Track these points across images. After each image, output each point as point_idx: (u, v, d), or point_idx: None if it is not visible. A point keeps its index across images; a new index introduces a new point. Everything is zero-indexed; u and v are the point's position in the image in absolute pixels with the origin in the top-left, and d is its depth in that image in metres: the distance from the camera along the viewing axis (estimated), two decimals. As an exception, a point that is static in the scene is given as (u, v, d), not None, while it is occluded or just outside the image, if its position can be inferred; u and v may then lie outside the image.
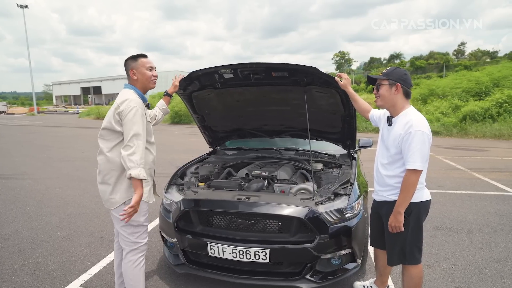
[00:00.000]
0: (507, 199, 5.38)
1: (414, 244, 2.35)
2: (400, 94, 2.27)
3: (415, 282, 2.40)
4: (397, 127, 2.27)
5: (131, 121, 2.27)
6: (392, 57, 66.01)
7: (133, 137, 2.26)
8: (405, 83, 2.26)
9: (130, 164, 2.22)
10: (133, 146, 2.25)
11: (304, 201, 2.70)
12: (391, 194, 2.36)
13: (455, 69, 38.44)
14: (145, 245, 2.56)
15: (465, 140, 12.73)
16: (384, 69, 2.48)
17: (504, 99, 13.94)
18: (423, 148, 2.16)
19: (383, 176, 2.40)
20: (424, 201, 2.33)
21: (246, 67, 2.97)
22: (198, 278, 3.04)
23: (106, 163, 2.39)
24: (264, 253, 2.54)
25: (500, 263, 3.32)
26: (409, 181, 2.18)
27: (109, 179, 2.39)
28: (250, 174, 3.47)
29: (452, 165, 8.14)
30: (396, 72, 2.29)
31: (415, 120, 2.19)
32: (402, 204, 2.22)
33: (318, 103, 3.35)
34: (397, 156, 2.28)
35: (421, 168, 2.16)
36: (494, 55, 55.92)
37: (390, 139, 2.31)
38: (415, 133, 2.14)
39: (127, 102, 2.31)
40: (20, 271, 3.23)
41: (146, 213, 2.55)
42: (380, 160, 2.44)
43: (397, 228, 2.27)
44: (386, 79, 2.28)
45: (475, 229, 4.17)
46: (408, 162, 2.17)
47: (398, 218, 2.24)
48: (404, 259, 2.38)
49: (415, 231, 2.33)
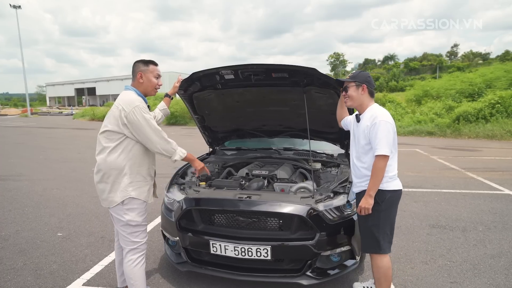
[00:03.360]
0: (500, 198, 5.49)
1: (385, 232, 2.49)
2: (366, 93, 2.53)
3: (383, 272, 2.52)
4: (364, 121, 2.51)
5: (142, 119, 2.35)
6: (386, 58, 66.62)
7: (147, 134, 2.37)
8: (370, 84, 2.54)
9: (168, 154, 2.46)
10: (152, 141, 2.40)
11: (305, 199, 2.76)
12: (368, 184, 2.48)
13: (448, 71, 38.94)
14: (144, 245, 2.60)
15: (459, 141, 12.90)
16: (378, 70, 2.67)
17: (497, 100, 14.13)
18: (388, 135, 2.37)
19: (359, 168, 2.58)
20: (397, 190, 2.50)
21: (247, 68, 3.03)
22: (199, 276, 3.08)
23: (106, 162, 2.41)
24: (265, 250, 2.60)
25: (493, 259, 3.41)
26: (378, 166, 2.37)
27: (108, 178, 2.42)
28: (250, 174, 3.53)
29: (447, 165, 8.27)
30: (361, 75, 2.57)
31: (379, 112, 2.45)
32: (373, 188, 2.40)
33: (317, 104, 3.42)
34: (367, 147, 2.49)
35: (388, 154, 2.35)
36: (486, 57, 56.70)
37: (360, 133, 2.54)
38: (379, 123, 2.37)
39: (131, 103, 2.36)
40: (21, 271, 3.25)
41: (145, 213, 2.59)
42: (355, 154, 2.65)
43: (366, 210, 2.43)
44: (353, 81, 2.54)
45: (469, 227, 4.26)
46: (376, 149, 2.37)
47: (368, 200, 2.42)
48: (378, 247, 2.50)
49: (386, 219, 2.48)
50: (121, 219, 2.47)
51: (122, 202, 2.43)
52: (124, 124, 2.37)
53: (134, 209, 2.48)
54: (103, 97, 64.51)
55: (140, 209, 2.52)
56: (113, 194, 2.43)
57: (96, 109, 33.87)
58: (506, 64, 21.25)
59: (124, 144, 2.42)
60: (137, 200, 2.48)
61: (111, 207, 2.46)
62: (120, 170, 2.41)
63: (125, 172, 2.42)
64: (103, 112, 29.15)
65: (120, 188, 2.42)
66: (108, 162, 2.41)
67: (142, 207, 2.53)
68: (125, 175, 2.42)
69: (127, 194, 2.43)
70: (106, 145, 2.43)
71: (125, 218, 2.46)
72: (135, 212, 2.49)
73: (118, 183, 2.42)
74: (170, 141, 2.46)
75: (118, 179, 2.42)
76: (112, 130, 2.41)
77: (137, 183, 2.47)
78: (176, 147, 2.50)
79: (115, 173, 2.41)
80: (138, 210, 2.50)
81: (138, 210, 2.50)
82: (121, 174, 2.41)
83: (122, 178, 2.41)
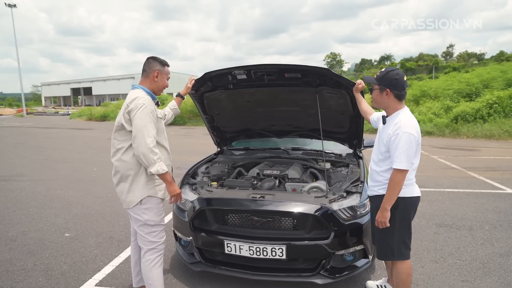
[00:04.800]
0: (503, 197, 5.55)
1: (401, 240, 2.42)
2: (391, 97, 2.35)
3: (402, 278, 2.46)
4: (388, 127, 2.37)
5: (139, 118, 2.29)
6: (382, 58, 66.84)
7: (138, 132, 2.27)
8: (395, 87, 2.33)
9: (147, 161, 2.27)
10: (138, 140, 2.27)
11: (318, 199, 2.78)
12: (381, 189, 2.44)
13: (444, 71, 39.14)
14: (162, 244, 2.59)
15: (458, 140, 12.99)
16: (375, 70, 2.61)
17: (494, 100, 14.25)
18: (410, 149, 2.24)
19: (374, 172, 2.51)
20: (411, 197, 2.39)
21: (260, 68, 3.04)
22: (211, 275, 3.08)
23: (122, 163, 2.42)
24: (280, 249, 2.60)
25: (502, 257, 3.44)
26: (395, 179, 2.27)
27: (126, 178, 2.42)
28: (261, 174, 3.53)
29: (448, 165, 8.33)
30: (386, 77, 2.35)
31: (403, 121, 2.28)
32: (388, 201, 2.30)
33: (328, 104, 3.43)
34: (386, 154, 2.37)
35: (407, 168, 2.25)
36: (481, 57, 57.13)
37: (382, 138, 2.41)
38: (402, 135, 2.24)
39: (136, 101, 2.34)
40: (32, 272, 3.23)
41: (162, 212, 2.58)
42: (373, 157, 2.55)
43: (383, 223, 2.35)
44: (377, 84, 2.39)
45: (475, 226, 4.30)
46: (395, 162, 2.27)
47: (384, 214, 2.33)
48: (392, 254, 2.45)
49: (402, 226, 2.40)
50: (139, 218, 2.47)
51: (140, 201, 2.42)
52: (127, 120, 2.36)
53: (152, 209, 2.47)
54: (99, 97, 64.09)
55: (158, 209, 2.52)
56: (132, 194, 2.43)
57: (93, 109, 33.68)
58: (503, 65, 21.38)
59: None
60: (155, 199, 2.48)
61: (130, 207, 2.46)
62: (137, 170, 2.41)
63: (142, 171, 2.41)
64: (100, 112, 29.01)
65: (139, 187, 2.42)
66: (124, 163, 2.41)
67: (160, 207, 2.54)
68: (142, 174, 2.42)
69: (145, 193, 2.43)
70: (119, 146, 2.43)
71: (143, 217, 2.46)
72: (153, 211, 2.48)
73: (137, 183, 2.42)
74: (155, 152, 2.31)
75: (136, 179, 2.42)
76: (120, 129, 2.41)
77: (154, 181, 2.47)
78: (159, 160, 2.33)
79: (132, 173, 2.41)
80: (156, 209, 2.50)
81: (156, 210, 2.50)
82: (139, 173, 2.41)
83: (139, 177, 2.41)
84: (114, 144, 2.47)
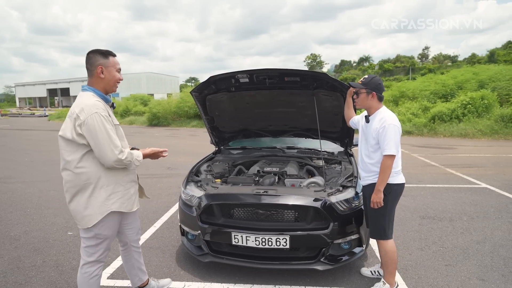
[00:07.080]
0: (479, 191, 6.00)
1: (390, 220, 2.83)
2: (375, 99, 2.80)
3: (390, 256, 2.85)
4: (373, 123, 2.78)
5: (97, 130, 2.04)
6: (361, 59, 68.35)
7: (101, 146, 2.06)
8: (379, 90, 2.80)
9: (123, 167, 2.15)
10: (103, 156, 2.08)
11: (318, 192, 3.04)
12: (375, 177, 2.81)
13: (420, 72, 40.54)
14: (105, 257, 2.39)
15: (435, 139, 13.64)
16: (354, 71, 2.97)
17: (468, 100, 15.01)
18: (395, 137, 2.67)
19: (367, 164, 2.87)
20: (400, 183, 2.82)
21: (262, 72, 3.28)
22: (217, 266, 3.28)
23: (76, 178, 2.12)
24: (284, 239, 2.84)
25: (479, 244, 3.81)
26: (386, 164, 2.68)
27: (82, 194, 2.13)
28: (262, 170, 3.77)
29: (427, 162, 8.81)
30: (372, 82, 2.80)
31: (387, 116, 2.72)
32: (381, 184, 2.70)
33: (323, 105, 3.70)
34: (376, 146, 2.77)
35: (395, 153, 2.66)
36: (455, 59, 59.32)
37: (369, 133, 2.81)
38: (389, 126, 2.66)
39: (86, 110, 2.05)
40: (43, 268, 3.34)
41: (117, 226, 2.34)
42: (364, 151, 2.93)
43: (378, 203, 2.72)
44: (364, 88, 2.79)
45: (455, 217, 4.68)
46: (384, 149, 2.67)
47: (378, 195, 2.71)
48: (384, 234, 2.84)
49: (391, 209, 2.81)
50: (90, 230, 2.20)
51: (102, 219, 2.16)
52: (79, 134, 2.07)
53: (108, 222, 2.22)
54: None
55: (114, 222, 2.28)
56: (90, 211, 2.14)
57: (73, 110, 32.90)
58: (475, 67, 22.43)
59: (92, 153, 2.12)
60: (118, 213, 2.26)
61: (89, 227, 2.17)
62: (95, 184, 2.12)
63: (101, 184, 2.14)
64: (81, 113, 28.40)
65: (98, 203, 2.14)
66: (79, 177, 2.11)
67: (118, 220, 2.32)
68: (101, 187, 2.14)
69: (108, 209, 2.16)
70: (70, 158, 2.12)
71: (93, 230, 2.20)
72: (107, 224, 2.22)
73: (95, 198, 2.13)
74: (125, 155, 2.13)
75: (94, 194, 2.13)
76: (69, 140, 2.11)
77: (117, 194, 2.21)
78: (131, 157, 2.17)
79: (90, 187, 2.12)
80: (111, 223, 2.25)
81: (111, 223, 2.25)
82: (97, 187, 2.13)
83: (98, 191, 2.14)
84: (64, 156, 2.14)
